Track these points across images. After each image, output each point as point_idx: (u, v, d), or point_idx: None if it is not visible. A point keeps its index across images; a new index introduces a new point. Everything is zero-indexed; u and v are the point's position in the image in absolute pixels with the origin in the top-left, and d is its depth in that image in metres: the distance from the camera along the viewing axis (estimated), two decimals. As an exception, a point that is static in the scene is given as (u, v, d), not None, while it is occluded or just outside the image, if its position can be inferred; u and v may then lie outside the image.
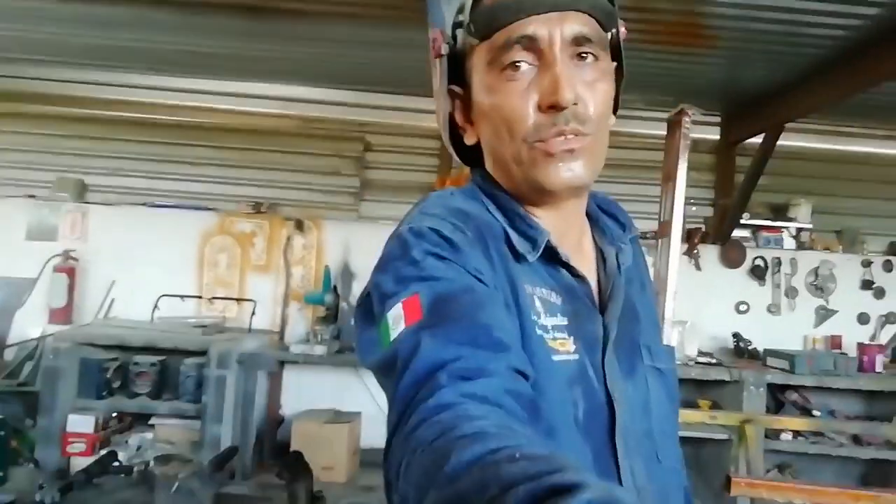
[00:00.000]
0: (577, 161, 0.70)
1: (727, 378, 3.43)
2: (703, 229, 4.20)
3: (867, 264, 4.13)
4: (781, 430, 3.49)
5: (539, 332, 0.69)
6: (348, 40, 3.31)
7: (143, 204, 4.09)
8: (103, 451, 3.13)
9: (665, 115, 3.22)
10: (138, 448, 3.28)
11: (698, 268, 4.04)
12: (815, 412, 3.66)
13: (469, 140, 0.78)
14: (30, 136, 4.23)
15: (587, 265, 0.78)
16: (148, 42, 3.50)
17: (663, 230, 3.05)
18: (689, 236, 4.00)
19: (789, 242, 4.18)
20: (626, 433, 0.72)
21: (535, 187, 0.72)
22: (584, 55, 0.70)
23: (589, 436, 0.70)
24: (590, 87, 0.70)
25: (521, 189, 0.74)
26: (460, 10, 0.74)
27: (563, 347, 0.70)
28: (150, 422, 3.46)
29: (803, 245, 4.19)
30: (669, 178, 3.17)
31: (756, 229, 4.22)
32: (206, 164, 4.26)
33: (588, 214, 0.82)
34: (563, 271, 0.75)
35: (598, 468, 0.70)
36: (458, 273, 0.65)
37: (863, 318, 4.10)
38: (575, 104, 0.69)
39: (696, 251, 4.02)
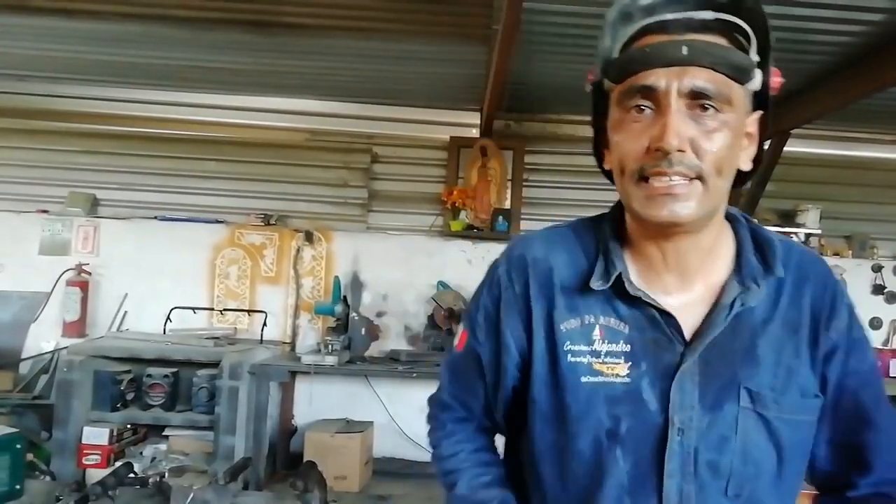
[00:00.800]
0: (679, 203, 0.76)
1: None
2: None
3: (878, 269, 4.12)
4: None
5: (572, 358, 0.83)
6: (355, 54, 3.35)
7: (154, 217, 4.13)
8: (118, 463, 3.14)
9: (672, 123, 3.23)
10: (153, 459, 3.30)
11: (707, 274, 4.03)
12: (828, 418, 3.63)
13: (606, 165, 0.88)
14: (42, 152, 4.28)
15: (697, 300, 0.83)
16: (158, 58, 3.55)
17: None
18: (697, 243, 4.00)
19: (798, 248, 4.17)
20: (679, 457, 0.79)
21: (638, 219, 0.81)
22: (706, 107, 0.75)
23: (631, 450, 0.81)
24: (706, 137, 0.75)
25: (633, 218, 0.84)
26: (611, 52, 0.82)
27: (611, 370, 0.82)
28: (164, 433, 3.48)
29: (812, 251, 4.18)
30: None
31: (765, 235, 4.21)
32: (216, 178, 4.30)
33: (739, 249, 0.86)
34: (645, 304, 0.82)
35: (633, 483, 0.80)
36: (488, 338, 0.93)
37: (875, 323, 4.08)
38: (682, 150, 0.75)
39: (705, 258, 4.02)
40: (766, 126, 0.83)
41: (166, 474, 3.10)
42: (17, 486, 2.88)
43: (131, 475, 3.01)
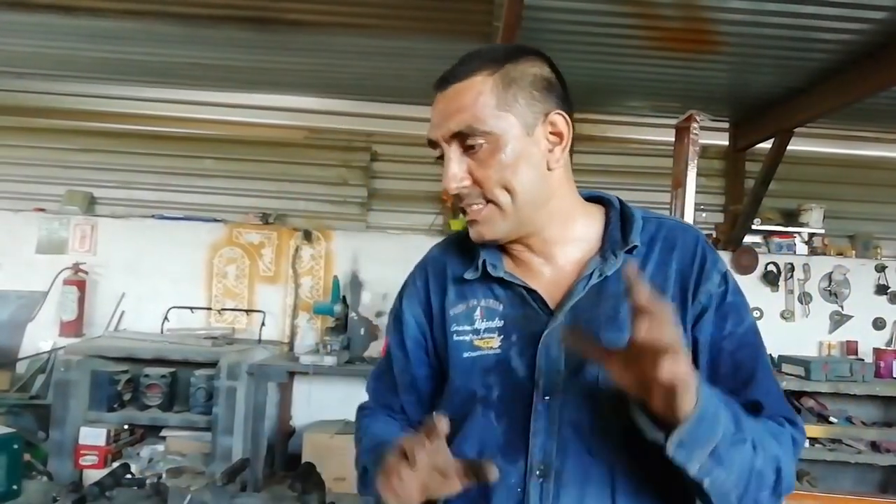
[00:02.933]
0: (484, 226, 0.91)
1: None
2: (714, 235, 4.17)
3: (881, 269, 4.09)
4: (797, 438, 3.44)
5: (457, 337, 0.96)
6: (354, 51, 3.33)
7: (152, 216, 4.11)
8: (116, 464, 3.12)
9: (673, 122, 3.21)
10: (150, 460, 3.28)
11: (709, 274, 4.01)
12: (831, 419, 3.61)
13: None
14: (38, 150, 4.26)
15: (565, 276, 0.93)
16: (156, 55, 3.53)
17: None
18: (699, 242, 3.98)
19: (802, 248, 4.15)
20: (544, 418, 0.88)
21: None
22: (472, 142, 0.88)
23: (504, 414, 0.91)
24: (481, 166, 0.88)
25: None
26: None
27: (487, 345, 0.93)
28: (162, 434, 3.46)
29: (816, 250, 4.16)
30: (678, 185, 3.16)
31: (768, 235, 4.19)
32: (214, 176, 4.28)
33: (607, 228, 0.95)
34: (514, 284, 0.93)
35: (506, 440, 0.90)
36: (395, 331, 1.06)
37: (878, 324, 4.05)
38: (462, 188, 0.89)
39: (707, 257, 3.99)
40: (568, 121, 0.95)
41: (164, 475, 3.07)
42: (15, 487, 2.86)
43: (128, 476, 2.98)
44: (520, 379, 0.90)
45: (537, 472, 0.87)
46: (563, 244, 0.95)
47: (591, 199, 1.01)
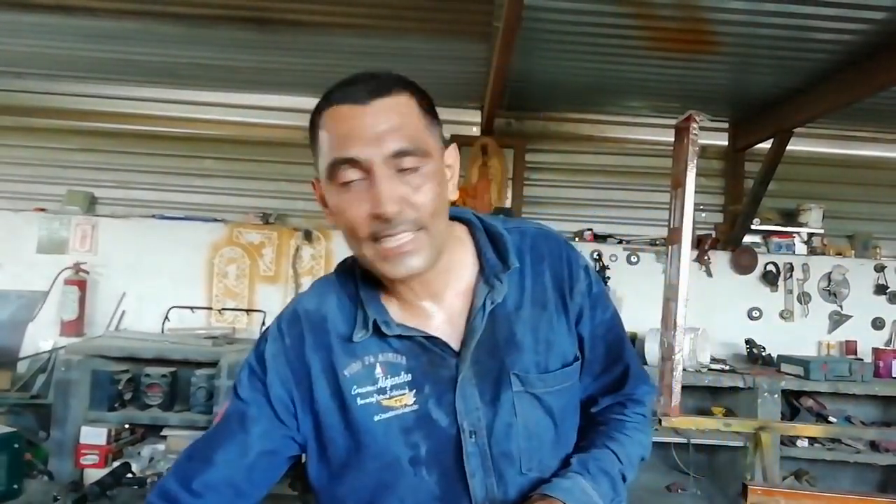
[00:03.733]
0: (412, 257, 0.84)
1: (741, 385, 3.40)
2: (714, 235, 4.18)
3: (881, 269, 4.10)
4: (797, 437, 3.45)
5: (361, 401, 0.88)
6: (354, 51, 3.33)
7: (153, 216, 4.11)
8: (116, 463, 3.12)
9: (673, 122, 3.21)
10: (151, 459, 3.28)
11: (709, 274, 4.02)
12: (830, 418, 3.62)
13: (330, 222, 0.91)
14: (39, 150, 4.27)
15: (457, 312, 0.91)
16: (156, 55, 3.53)
17: (673, 237, 3.03)
18: (699, 243, 3.99)
19: (801, 248, 4.16)
20: (477, 457, 0.87)
21: (382, 276, 0.88)
22: (408, 165, 0.82)
23: (435, 467, 0.87)
24: (416, 191, 0.82)
25: (376, 273, 0.88)
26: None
27: (399, 403, 0.88)
28: (162, 433, 3.45)
29: (815, 250, 4.17)
30: (678, 185, 3.15)
31: (767, 235, 4.20)
32: (215, 176, 4.29)
33: (479, 250, 0.94)
34: (410, 335, 0.88)
35: (442, 490, 0.87)
36: (252, 390, 0.92)
37: (877, 324, 4.06)
38: (399, 211, 0.81)
39: (706, 257, 4.00)
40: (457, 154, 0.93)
41: (164, 474, 3.08)
42: (16, 486, 2.87)
43: (129, 475, 2.99)
44: (445, 429, 0.88)
45: None
46: (446, 276, 0.91)
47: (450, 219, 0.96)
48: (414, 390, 0.88)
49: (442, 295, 0.92)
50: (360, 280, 0.93)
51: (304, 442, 0.93)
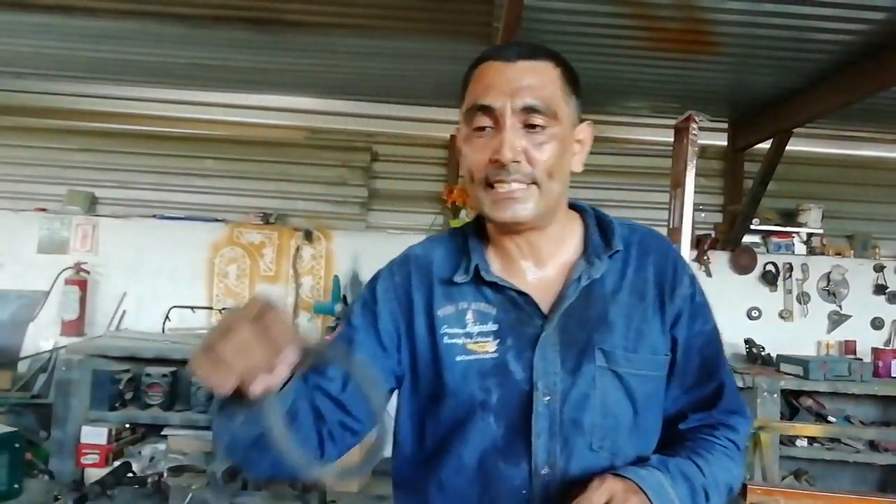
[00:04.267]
0: (519, 205, 0.90)
1: (740, 384, 3.40)
2: (713, 235, 4.18)
3: (880, 269, 4.10)
4: (796, 437, 3.46)
5: (448, 340, 0.93)
6: (354, 51, 3.34)
7: (153, 216, 4.12)
8: (117, 463, 3.13)
9: (672, 122, 3.23)
10: (151, 459, 3.28)
11: (709, 274, 4.02)
12: (830, 418, 3.62)
13: (461, 170, 1.00)
14: (40, 150, 4.27)
15: (552, 280, 0.96)
16: (156, 55, 3.54)
17: (673, 237, 3.04)
18: (699, 243, 3.99)
19: (800, 248, 4.16)
20: (546, 418, 0.89)
21: (491, 221, 0.95)
22: (536, 123, 0.89)
23: (503, 418, 0.91)
24: (537, 147, 0.89)
25: (487, 220, 0.96)
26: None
27: (482, 349, 0.92)
28: (163, 433, 3.46)
29: (814, 250, 4.17)
30: (678, 185, 3.17)
31: (766, 235, 4.21)
32: (215, 176, 4.29)
33: (587, 233, 0.99)
34: (505, 288, 0.94)
35: (506, 443, 0.90)
36: (364, 317, 0.98)
37: (877, 323, 4.07)
38: (517, 161, 0.88)
39: (706, 257, 4.01)
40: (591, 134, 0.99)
41: (165, 474, 3.08)
42: (16, 485, 2.87)
43: (130, 475, 3.00)
44: (518, 382, 0.91)
45: (543, 473, 0.89)
46: (553, 245, 0.97)
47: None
48: (497, 340, 0.92)
49: (544, 262, 0.97)
50: (470, 233, 1.00)
51: (401, 375, 0.98)
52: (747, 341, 3.89)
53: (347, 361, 0.83)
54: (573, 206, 1.03)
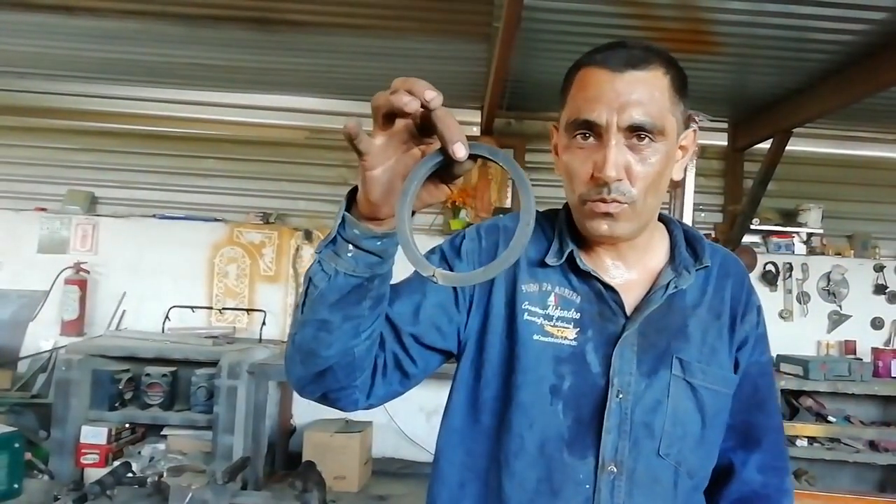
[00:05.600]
0: (616, 222, 0.87)
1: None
2: (713, 235, 4.18)
3: (880, 269, 4.10)
4: (797, 437, 3.46)
5: (528, 317, 0.91)
6: (355, 51, 3.34)
7: (153, 216, 4.12)
8: (117, 463, 3.13)
9: (673, 122, 3.21)
10: (151, 459, 3.29)
11: (708, 274, 4.02)
12: (830, 418, 3.63)
13: (556, 171, 0.96)
14: (40, 150, 4.27)
15: (635, 282, 0.95)
16: (157, 55, 3.54)
17: (673, 236, 3.04)
18: (698, 242, 3.99)
19: (800, 248, 4.16)
20: (617, 416, 0.88)
21: (581, 230, 0.92)
22: (642, 137, 0.85)
23: (572, 405, 0.89)
24: (641, 163, 0.86)
25: (579, 227, 0.93)
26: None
27: (561, 333, 0.91)
28: (163, 432, 3.47)
29: (814, 250, 4.17)
30: (677, 185, 3.17)
31: (766, 235, 4.21)
32: (215, 176, 4.29)
33: (674, 244, 0.98)
34: (593, 280, 0.92)
35: (573, 435, 0.88)
36: (441, 265, 0.94)
37: (877, 323, 4.07)
38: (619, 180, 0.85)
39: (706, 257, 4.01)
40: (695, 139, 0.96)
41: (164, 474, 3.09)
42: (16, 485, 2.87)
43: (129, 475, 3.00)
44: (593, 375, 0.89)
45: (609, 470, 0.87)
46: (642, 252, 0.95)
47: None
48: (578, 329, 0.91)
49: (630, 263, 0.95)
50: (565, 219, 0.97)
51: (464, 341, 0.95)
52: (747, 341, 3.89)
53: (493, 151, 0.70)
54: (660, 218, 1.00)
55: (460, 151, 0.64)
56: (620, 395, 0.88)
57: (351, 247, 0.74)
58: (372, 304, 0.79)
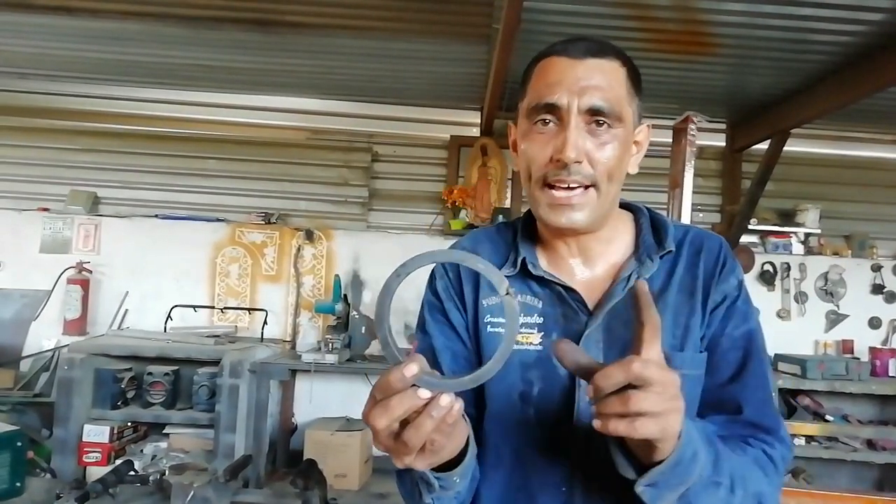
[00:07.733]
0: (576, 212, 0.88)
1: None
2: (712, 235, 4.20)
3: (877, 268, 4.12)
4: (794, 435, 3.48)
5: (491, 329, 0.94)
6: (356, 52, 3.35)
7: (155, 216, 4.14)
8: (119, 461, 3.15)
9: (671, 123, 3.24)
10: (153, 457, 3.30)
11: (707, 273, 4.03)
12: (827, 417, 3.64)
13: (514, 166, 0.93)
14: (43, 150, 4.29)
15: (599, 278, 0.95)
16: (159, 56, 3.56)
17: (672, 236, 3.05)
18: (697, 242, 4.00)
19: (798, 248, 4.18)
20: (587, 415, 0.86)
21: (544, 223, 0.93)
22: (601, 122, 0.87)
23: (543, 408, 0.90)
24: (600, 149, 0.87)
25: (539, 220, 0.95)
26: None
27: (526, 339, 0.92)
28: (165, 431, 3.48)
29: (812, 250, 4.19)
30: (676, 185, 3.19)
31: (764, 235, 4.22)
32: (217, 176, 4.31)
33: (639, 232, 0.98)
34: (552, 282, 0.93)
35: (545, 436, 0.89)
36: (437, 323, 0.99)
37: (874, 323, 4.09)
38: (578, 161, 0.86)
39: (704, 257, 4.02)
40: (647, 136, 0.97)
41: (167, 472, 3.10)
42: (18, 484, 2.88)
43: (132, 473, 3.01)
44: (561, 377, 0.90)
45: (583, 471, 0.87)
46: (605, 245, 0.96)
47: (620, 206, 1.00)
48: (542, 333, 0.92)
49: (593, 261, 0.96)
50: (520, 229, 0.99)
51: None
52: (746, 341, 3.90)
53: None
54: (627, 206, 1.01)
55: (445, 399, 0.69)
56: (581, 392, 0.88)
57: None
58: (457, 494, 0.84)
